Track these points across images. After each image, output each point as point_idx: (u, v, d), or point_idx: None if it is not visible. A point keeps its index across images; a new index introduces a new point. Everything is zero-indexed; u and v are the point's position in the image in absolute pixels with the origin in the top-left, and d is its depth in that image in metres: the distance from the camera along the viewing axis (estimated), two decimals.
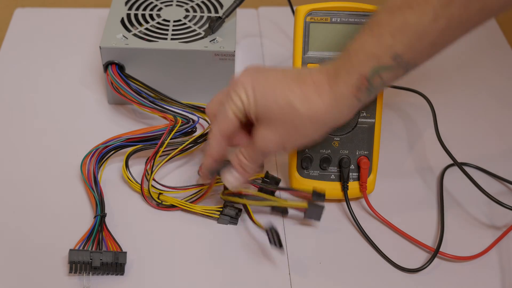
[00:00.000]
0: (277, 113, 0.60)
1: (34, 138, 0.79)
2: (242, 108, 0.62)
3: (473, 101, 0.88)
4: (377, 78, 0.58)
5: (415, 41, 0.56)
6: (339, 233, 0.71)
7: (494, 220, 0.73)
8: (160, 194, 0.71)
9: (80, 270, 0.64)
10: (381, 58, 0.57)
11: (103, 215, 0.68)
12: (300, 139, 0.62)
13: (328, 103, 0.59)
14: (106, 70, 0.79)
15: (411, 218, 0.72)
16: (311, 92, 0.60)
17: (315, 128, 0.61)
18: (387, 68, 0.58)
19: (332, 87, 0.59)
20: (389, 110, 0.85)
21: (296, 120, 0.60)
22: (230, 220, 0.70)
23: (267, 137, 0.62)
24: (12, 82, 0.87)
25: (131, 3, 0.85)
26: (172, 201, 0.70)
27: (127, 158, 0.72)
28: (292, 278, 0.66)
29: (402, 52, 0.57)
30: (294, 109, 0.60)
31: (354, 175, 0.72)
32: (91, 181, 0.71)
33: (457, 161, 0.72)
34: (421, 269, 0.67)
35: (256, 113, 0.61)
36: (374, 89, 0.59)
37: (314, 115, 0.60)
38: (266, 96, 0.61)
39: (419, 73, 0.80)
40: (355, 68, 0.58)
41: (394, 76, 0.59)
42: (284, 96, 0.60)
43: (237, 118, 0.63)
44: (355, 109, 0.61)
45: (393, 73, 0.58)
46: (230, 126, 0.63)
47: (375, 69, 0.58)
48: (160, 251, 0.68)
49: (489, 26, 0.99)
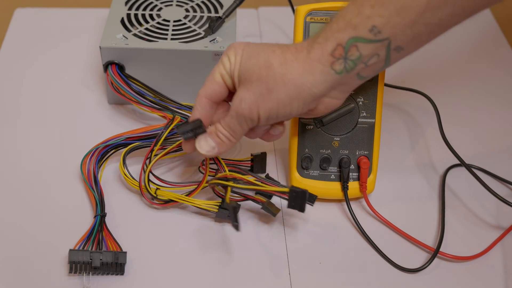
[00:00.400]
0: (256, 73, 0.61)
1: (34, 138, 0.79)
2: (229, 69, 0.63)
3: (473, 102, 0.88)
4: (354, 49, 0.58)
5: (394, 16, 0.55)
6: (339, 233, 0.71)
7: (496, 220, 0.73)
8: (157, 189, 0.70)
9: (80, 270, 0.64)
10: (358, 28, 0.57)
11: (103, 215, 0.68)
12: (272, 103, 0.61)
13: (303, 67, 0.59)
14: (106, 70, 0.79)
15: (411, 218, 0.72)
16: (290, 54, 0.60)
17: (287, 91, 0.60)
18: (364, 41, 0.57)
19: (309, 52, 0.59)
20: (390, 110, 0.85)
21: (270, 80, 0.60)
22: (229, 214, 0.69)
23: (243, 96, 0.61)
24: (12, 82, 0.87)
25: (131, 3, 0.85)
26: (170, 196, 0.70)
27: (124, 155, 0.72)
28: (292, 278, 0.66)
29: (380, 25, 0.56)
30: (271, 68, 0.60)
31: (354, 175, 0.72)
32: (91, 181, 0.71)
33: (463, 161, 0.72)
34: (421, 269, 0.67)
35: (238, 75, 0.62)
36: (350, 62, 0.58)
37: (287, 76, 0.60)
38: (251, 58, 0.61)
39: (419, 73, 0.80)
40: (333, 35, 0.58)
41: (373, 53, 0.58)
42: (266, 57, 0.61)
43: (223, 80, 0.64)
44: (330, 82, 0.60)
45: (371, 49, 0.58)
46: (216, 87, 0.64)
47: (352, 38, 0.57)
48: (160, 251, 0.68)
49: (489, 26, 0.99)
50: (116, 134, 0.74)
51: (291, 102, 0.61)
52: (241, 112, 0.62)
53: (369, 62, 0.59)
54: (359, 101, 0.71)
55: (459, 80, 0.91)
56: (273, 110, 0.61)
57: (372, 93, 0.71)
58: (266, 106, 0.61)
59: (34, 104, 0.84)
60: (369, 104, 0.71)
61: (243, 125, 0.63)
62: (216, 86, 0.64)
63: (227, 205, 0.66)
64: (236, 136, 0.64)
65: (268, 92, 0.60)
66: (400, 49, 0.58)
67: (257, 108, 0.61)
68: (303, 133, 0.71)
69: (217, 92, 0.64)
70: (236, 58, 0.62)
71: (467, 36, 0.97)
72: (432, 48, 0.95)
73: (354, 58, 0.58)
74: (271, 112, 0.62)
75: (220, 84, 0.64)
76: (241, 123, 0.63)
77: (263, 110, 0.61)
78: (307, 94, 0.60)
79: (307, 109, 0.62)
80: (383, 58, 0.59)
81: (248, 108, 0.61)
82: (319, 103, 0.62)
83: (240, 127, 0.63)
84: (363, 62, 0.59)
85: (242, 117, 0.62)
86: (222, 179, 0.68)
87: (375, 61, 0.59)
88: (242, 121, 0.63)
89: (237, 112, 0.62)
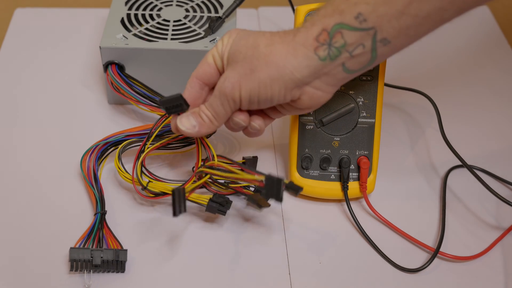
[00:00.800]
0: (243, 53, 0.61)
1: (34, 138, 0.79)
2: (221, 51, 0.63)
3: (473, 101, 0.88)
4: (338, 36, 0.57)
5: (380, 4, 0.55)
6: (339, 233, 0.71)
7: (496, 220, 0.73)
8: (149, 182, 0.69)
9: (81, 268, 0.64)
10: (345, 14, 0.57)
11: (103, 212, 0.68)
12: (254, 83, 0.61)
13: (287, 49, 0.59)
14: (106, 70, 0.79)
15: (411, 218, 0.72)
16: (277, 37, 0.60)
17: (269, 72, 0.60)
18: (350, 28, 0.57)
19: (295, 35, 0.60)
20: (390, 110, 0.85)
21: (254, 60, 0.60)
22: (219, 208, 0.68)
23: (227, 75, 0.62)
24: (12, 82, 0.87)
25: (131, 3, 0.85)
26: (161, 188, 0.69)
27: (120, 150, 0.72)
28: (292, 278, 0.66)
29: (366, 13, 0.56)
30: (257, 48, 0.60)
31: (354, 175, 0.72)
32: (91, 178, 0.71)
33: (465, 162, 0.72)
34: (421, 269, 0.67)
35: (228, 56, 0.62)
36: (334, 50, 0.58)
37: (271, 57, 0.59)
38: (241, 39, 0.62)
39: (419, 73, 0.80)
40: (320, 19, 0.58)
41: (358, 42, 0.57)
42: (254, 39, 0.61)
43: (214, 62, 0.64)
44: (312, 68, 0.59)
45: (356, 38, 0.57)
46: (206, 68, 0.64)
47: (337, 24, 0.57)
48: (161, 248, 0.68)
49: (489, 26, 0.99)
50: (115, 132, 0.74)
51: (272, 84, 0.60)
52: (224, 91, 0.62)
53: (354, 52, 0.58)
54: (359, 101, 0.71)
55: (459, 80, 0.91)
56: (254, 91, 0.61)
57: (372, 93, 0.71)
58: (248, 86, 0.61)
59: (34, 104, 0.84)
60: (369, 104, 0.71)
61: (225, 106, 0.63)
62: (206, 67, 0.64)
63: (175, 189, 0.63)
64: (218, 118, 0.64)
65: (251, 72, 0.60)
66: (386, 42, 0.57)
67: (239, 88, 0.61)
68: (303, 133, 0.71)
69: (207, 73, 0.65)
70: (229, 40, 0.63)
71: (467, 36, 0.98)
72: (432, 48, 0.96)
73: (338, 46, 0.58)
74: (252, 93, 0.61)
75: (211, 66, 0.64)
76: (223, 103, 0.63)
77: (245, 90, 0.61)
78: (288, 78, 0.60)
79: (290, 97, 0.62)
80: (368, 49, 0.58)
81: (231, 87, 0.61)
82: (302, 92, 0.61)
83: (222, 108, 0.63)
84: (347, 51, 0.58)
85: (224, 96, 0.62)
86: (208, 167, 0.67)
87: (361, 52, 0.58)
88: (224, 101, 0.62)
89: (220, 91, 0.62)
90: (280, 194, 0.61)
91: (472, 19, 1.01)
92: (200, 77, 0.65)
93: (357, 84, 0.70)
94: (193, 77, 0.65)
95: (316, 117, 0.71)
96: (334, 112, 0.71)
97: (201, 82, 0.65)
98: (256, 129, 0.66)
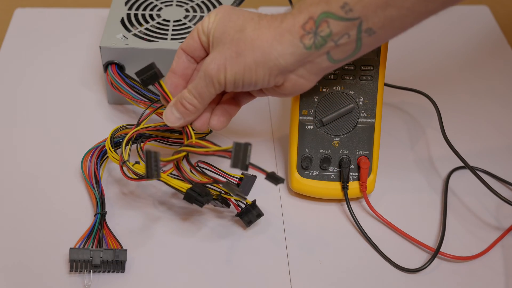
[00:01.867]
0: (230, 35, 0.61)
1: (34, 138, 0.79)
2: (206, 28, 0.63)
3: (474, 102, 0.88)
4: (324, 25, 0.58)
5: None
6: (339, 233, 0.71)
7: (497, 221, 0.73)
8: (136, 163, 0.67)
9: (81, 269, 0.64)
10: (331, 3, 0.57)
11: (103, 213, 0.68)
12: (239, 66, 0.61)
13: (273, 35, 0.59)
14: (106, 70, 0.79)
15: (411, 218, 0.72)
16: (265, 22, 0.61)
17: (254, 57, 0.60)
18: (336, 17, 0.57)
19: (282, 21, 0.60)
20: (390, 110, 0.85)
21: (241, 44, 0.60)
22: (196, 198, 0.65)
23: (213, 57, 0.62)
24: (12, 82, 0.87)
25: (131, 3, 0.85)
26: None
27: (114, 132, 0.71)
28: (292, 278, 0.66)
29: (352, 3, 0.56)
30: (243, 32, 0.60)
31: (354, 175, 0.72)
32: (92, 179, 0.71)
33: (466, 163, 0.72)
34: (421, 269, 0.67)
35: (213, 35, 0.63)
36: (319, 39, 0.58)
37: (257, 41, 0.60)
38: (230, 21, 0.62)
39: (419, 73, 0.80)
40: (307, 8, 0.59)
41: (343, 31, 0.58)
42: (242, 22, 0.61)
43: (198, 36, 0.65)
44: (297, 55, 0.59)
45: (341, 27, 0.57)
46: (190, 42, 0.65)
47: (324, 13, 0.58)
48: (160, 248, 0.68)
49: (489, 26, 0.99)
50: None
51: (257, 68, 0.61)
52: (209, 72, 0.62)
53: (339, 41, 0.58)
54: (359, 101, 0.71)
55: (459, 80, 0.91)
56: (239, 74, 0.61)
57: (372, 93, 0.71)
58: (233, 69, 0.61)
59: (34, 104, 0.84)
60: (369, 104, 0.71)
61: (209, 88, 0.63)
62: (191, 40, 0.65)
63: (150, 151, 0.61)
64: (202, 101, 0.64)
65: (237, 55, 0.61)
66: (371, 32, 0.58)
67: (225, 70, 0.61)
68: (303, 133, 0.71)
69: (191, 47, 0.66)
70: (216, 18, 0.63)
71: (466, 36, 0.98)
72: (432, 48, 0.96)
73: (324, 35, 0.58)
74: (237, 77, 0.61)
75: (195, 40, 0.65)
76: (208, 85, 0.63)
77: (230, 73, 0.61)
78: (273, 64, 0.60)
79: (274, 83, 0.62)
80: (353, 39, 0.58)
81: (217, 69, 0.61)
82: (286, 79, 0.62)
83: (207, 90, 0.63)
84: (333, 40, 0.58)
85: (210, 78, 0.62)
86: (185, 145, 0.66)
87: (346, 42, 0.58)
88: (209, 83, 0.63)
89: (205, 72, 0.62)
90: (246, 161, 0.59)
91: (472, 19, 1.01)
92: (185, 48, 0.66)
93: (357, 84, 0.70)
94: (179, 48, 0.67)
95: (316, 117, 0.71)
96: (334, 112, 0.71)
97: (186, 53, 0.66)
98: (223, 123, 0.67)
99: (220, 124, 0.67)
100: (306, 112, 0.71)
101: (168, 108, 0.66)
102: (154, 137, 0.72)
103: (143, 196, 0.72)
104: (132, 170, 0.67)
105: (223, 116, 0.67)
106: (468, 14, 1.01)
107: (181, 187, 0.66)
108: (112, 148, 0.70)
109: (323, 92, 0.70)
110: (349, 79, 0.70)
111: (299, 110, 0.71)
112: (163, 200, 0.72)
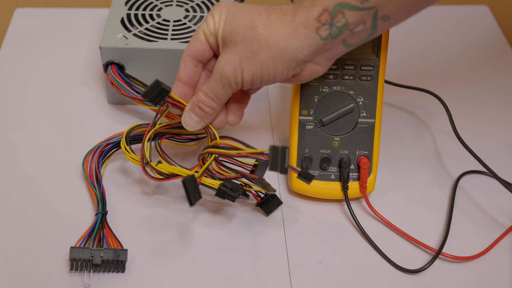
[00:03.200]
0: (241, 34, 0.60)
1: (35, 138, 0.79)
2: (213, 28, 0.62)
3: (474, 102, 0.88)
4: (340, 16, 0.57)
5: None
6: (339, 233, 0.71)
7: (498, 221, 0.73)
8: (159, 163, 0.68)
9: (81, 268, 0.64)
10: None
11: (104, 212, 0.68)
12: (256, 66, 0.61)
13: (287, 30, 0.59)
14: (106, 70, 0.79)
15: (412, 218, 0.72)
16: (275, 17, 0.60)
17: (271, 54, 0.60)
18: (351, 8, 0.57)
19: (294, 15, 0.59)
20: (390, 110, 0.85)
21: (255, 43, 0.60)
22: (229, 193, 0.66)
23: (228, 59, 0.61)
24: (12, 82, 0.87)
25: (131, 3, 0.85)
26: (172, 170, 0.67)
27: (128, 133, 0.71)
28: (292, 278, 0.66)
29: None
30: (255, 30, 0.60)
31: (354, 175, 0.72)
32: (93, 179, 0.71)
33: (484, 163, 0.72)
34: (422, 269, 0.67)
35: (223, 35, 0.62)
36: (335, 29, 0.58)
37: (271, 39, 0.59)
38: (236, 19, 0.61)
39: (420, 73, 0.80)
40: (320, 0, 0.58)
41: (359, 21, 0.58)
42: (250, 19, 0.60)
43: (206, 39, 0.63)
44: (314, 47, 0.60)
45: (357, 17, 0.57)
46: (198, 45, 0.64)
47: (339, 4, 0.57)
48: (161, 248, 0.68)
49: (490, 27, 0.99)
50: (118, 133, 0.74)
51: (275, 65, 0.61)
52: (226, 75, 0.62)
53: (355, 29, 0.59)
54: (359, 101, 0.71)
55: (458, 80, 0.91)
56: (257, 73, 0.61)
57: (372, 93, 0.71)
58: (250, 69, 0.61)
59: (34, 104, 0.84)
60: (369, 104, 0.71)
61: (226, 89, 0.63)
62: (199, 44, 0.64)
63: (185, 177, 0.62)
64: (219, 102, 0.64)
65: (252, 55, 0.60)
66: (387, 18, 0.58)
67: (241, 71, 0.61)
68: (303, 133, 0.71)
69: (200, 50, 0.64)
70: (221, 17, 0.62)
71: (466, 37, 0.98)
72: (432, 48, 0.96)
73: (340, 25, 0.58)
74: (255, 75, 0.61)
75: (203, 42, 0.64)
76: (225, 86, 0.63)
77: (247, 73, 0.61)
78: (290, 58, 0.60)
79: (291, 74, 0.62)
80: (369, 26, 0.58)
81: (233, 70, 0.61)
82: (303, 68, 0.62)
83: (224, 91, 0.63)
84: (349, 29, 0.58)
85: (226, 79, 0.62)
86: (211, 147, 0.66)
87: (361, 29, 0.59)
88: (226, 85, 0.62)
89: (222, 75, 0.62)
90: (285, 164, 0.60)
91: (472, 19, 1.01)
92: (192, 54, 0.65)
93: (357, 84, 0.70)
94: (185, 55, 0.65)
95: (316, 117, 0.71)
96: (334, 112, 0.71)
97: (194, 59, 0.65)
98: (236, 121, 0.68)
99: (237, 119, 0.68)
100: (306, 112, 0.71)
101: (185, 113, 0.66)
102: (166, 134, 0.73)
103: (144, 196, 0.72)
104: (156, 170, 0.67)
105: (238, 111, 0.68)
106: (468, 14, 1.01)
107: (213, 184, 0.67)
108: (129, 150, 0.70)
109: (323, 92, 0.70)
110: (349, 79, 0.70)
111: (299, 110, 0.71)
112: (163, 200, 0.72)
